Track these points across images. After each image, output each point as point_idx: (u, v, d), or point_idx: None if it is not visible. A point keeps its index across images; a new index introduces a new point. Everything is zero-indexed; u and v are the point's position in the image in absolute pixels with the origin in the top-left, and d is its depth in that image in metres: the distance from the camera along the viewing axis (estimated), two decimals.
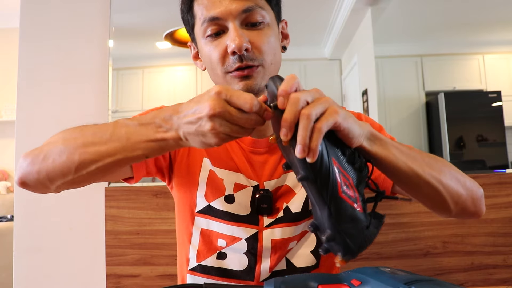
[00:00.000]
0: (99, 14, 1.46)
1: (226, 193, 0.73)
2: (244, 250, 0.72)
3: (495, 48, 3.64)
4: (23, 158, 0.60)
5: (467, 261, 1.16)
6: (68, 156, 0.56)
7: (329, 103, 0.48)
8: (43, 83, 1.43)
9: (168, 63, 2.99)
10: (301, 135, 0.44)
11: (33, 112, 1.41)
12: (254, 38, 0.67)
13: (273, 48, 0.69)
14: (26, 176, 0.59)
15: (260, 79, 0.68)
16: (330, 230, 0.46)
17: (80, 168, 0.55)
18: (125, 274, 1.16)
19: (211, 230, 0.73)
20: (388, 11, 2.95)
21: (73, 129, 0.60)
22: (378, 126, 0.78)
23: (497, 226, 1.17)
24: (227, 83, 0.69)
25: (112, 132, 0.55)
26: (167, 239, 1.15)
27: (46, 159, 0.57)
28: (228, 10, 0.65)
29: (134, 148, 0.53)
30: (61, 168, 0.56)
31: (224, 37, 0.67)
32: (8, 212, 2.87)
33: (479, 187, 0.66)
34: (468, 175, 1.19)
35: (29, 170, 0.59)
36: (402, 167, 0.56)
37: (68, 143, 0.57)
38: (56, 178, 0.58)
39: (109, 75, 1.46)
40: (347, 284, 0.50)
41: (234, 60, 0.66)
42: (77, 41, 1.45)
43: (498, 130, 3.37)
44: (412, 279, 0.45)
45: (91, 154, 0.55)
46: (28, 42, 1.44)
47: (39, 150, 0.59)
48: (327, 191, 0.46)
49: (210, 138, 0.48)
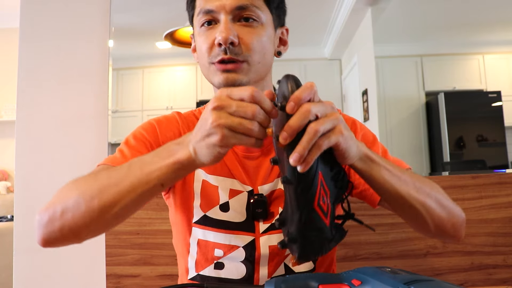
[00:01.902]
0: (99, 14, 1.46)
1: (220, 202, 0.72)
2: (241, 259, 0.71)
3: (495, 48, 3.64)
4: (39, 217, 0.58)
5: (467, 261, 1.16)
6: (87, 205, 0.55)
7: (337, 121, 0.48)
8: (43, 83, 1.43)
9: (168, 63, 2.99)
10: (302, 147, 0.45)
11: (33, 112, 1.42)
12: (243, 34, 0.67)
13: (262, 47, 0.69)
14: (49, 236, 0.58)
15: (243, 76, 0.68)
16: (294, 233, 0.50)
17: (102, 214, 0.55)
18: (125, 274, 1.16)
19: (208, 241, 0.73)
20: (388, 11, 2.95)
21: (85, 178, 0.60)
22: (372, 136, 0.78)
23: (497, 226, 1.17)
24: (210, 73, 0.70)
25: (127, 169, 0.55)
26: (167, 239, 1.15)
27: (64, 214, 0.56)
28: (223, 5, 0.67)
29: (149, 179, 0.53)
30: (83, 219, 0.55)
31: (215, 29, 0.68)
32: (8, 212, 2.87)
33: (462, 212, 0.68)
34: (468, 175, 1.19)
35: (50, 229, 0.57)
36: (389, 189, 0.58)
37: (83, 193, 0.56)
38: (81, 231, 0.56)
39: (109, 75, 1.46)
40: (348, 284, 0.50)
41: (219, 51, 0.67)
42: (77, 41, 1.45)
43: (498, 130, 3.37)
44: (412, 279, 0.45)
45: (109, 197, 0.54)
46: (28, 42, 1.44)
47: (54, 206, 0.58)
48: (304, 200, 0.49)
49: (217, 137, 0.47)
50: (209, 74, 0.71)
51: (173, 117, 0.78)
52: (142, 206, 0.58)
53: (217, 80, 0.69)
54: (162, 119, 0.77)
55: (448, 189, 1.20)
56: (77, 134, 1.41)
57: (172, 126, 0.75)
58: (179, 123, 0.76)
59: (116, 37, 1.57)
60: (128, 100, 2.87)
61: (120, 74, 2.81)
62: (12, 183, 3.37)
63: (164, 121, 0.76)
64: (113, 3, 1.48)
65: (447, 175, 1.33)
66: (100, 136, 1.42)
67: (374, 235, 1.13)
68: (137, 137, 0.72)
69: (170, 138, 0.72)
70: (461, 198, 1.18)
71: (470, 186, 1.18)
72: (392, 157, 0.76)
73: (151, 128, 0.74)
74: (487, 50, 3.69)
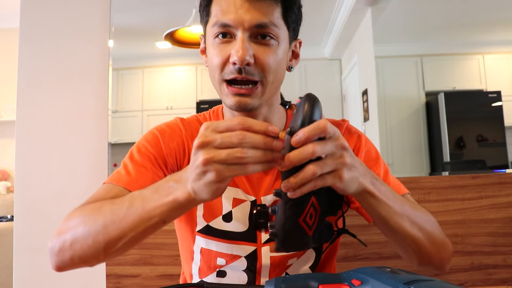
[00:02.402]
0: (99, 14, 1.46)
1: (223, 212, 0.73)
2: (243, 268, 0.72)
3: (495, 48, 3.64)
4: (51, 245, 0.61)
5: (467, 261, 1.16)
6: (93, 239, 0.57)
7: (340, 165, 0.49)
8: (43, 83, 1.43)
9: (168, 63, 2.99)
10: (295, 182, 0.46)
11: (33, 112, 1.42)
12: (259, 53, 0.65)
13: (277, 67, 0.67)
14: (62, 263, 0.61)
15: (256, 100, 0.67)
16: (277, 230, 0.52)
17: (108, 248, 0.57)
18: (125, 274, 1.16)
19: (210, 250, 0.74)
20: (388, 11, 2.95)
21: (91, 208, 0.60)
22: (375, 154, 0.77)
23: (497, 226, 1.17)
24: (222, 93, 0.68)
25: (129, 205, 0.56)
26: (167, 239, 1.15)
27: (73, 245, 0.58)
28: (241, 20, 0.64)
29: (151, 216, 0.54)
30: (91, 251, 0.57)
31: (231, 44, 0.66)
32: (8, 212, 2.87)
33: (450, 246, 0.69)
34: (468, 175, 1.19)
35: (62, 258, 0.60)
36: (383, 221, 0.60)
37: (89, 226, 0.57)
38: (90, 260, 0.59)
39: (109, 75, 1.46)
40: (348, 284, 0.50)
41: (233, 70, 0.65)
42: (77, 41, 1.45)
43: (498, 130, 3.37)
44: (412, 279, 0.45)
45: (113, 232, 0.56)
46: (28, 42, 1.44)
47: (64, 236, 0.59)
48: (290, 214, 0.50)
49: (211, 175, 0.47)
50: (221, 93, 0.69)
51: (176, 126, 0.76)
52: (146, 238, 0.59)
53: (228, 102, 0.67)
54: (165, 129, 0.75)
55: (448, 189, 1.20)
56: (77, 134, 1.41)
57: (175, 136, 0.74)
58: (183, 132, 0.75)
59: (116, 37, 1.57)
60: (128, 100, 2.87)
61: (120, 74, 2.81)
62: (12, 183, 3.37)
63: (167, 130, 0.75)
64: (113, 3, 1.48)
65: (447, 175, 1.32)
66: (100, 136, 1.42)
67: (374, 235, 1.13)
68: (141, 151, 0.71)
69: (174, 149, 0.72)
70: (461, 198, 1.18)
71: (470, 186, 1.18)
72: (392, 177, 0.75)
73: (154, 140, 0.73)
74: (487, 50, 3.69)
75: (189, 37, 2.24)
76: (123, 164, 0.70)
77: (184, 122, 0.77)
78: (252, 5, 0.64)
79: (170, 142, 0.73)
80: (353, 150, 0.74)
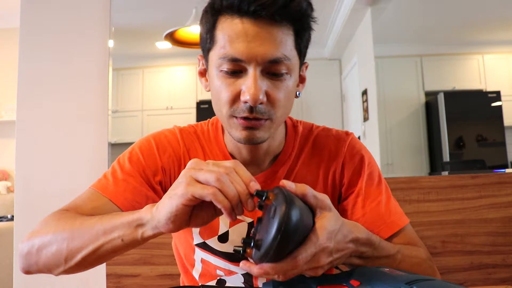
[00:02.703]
0: (99, 14, 1.46)
1: (220, 232, 0.72)
2: (242, 280, 0.73)
3: (495, 48, 3.64)
4: (21, 246, 0.60)
5: (466, 260, 1.16)
6: (57, 247, 0.56)
7: (315, 269, 0.49)
8: (43, 83, 1.43)
9: (168, 63, 2.99)
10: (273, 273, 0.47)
11: (33, 112, 1.42)
12: (271, 90, 0.61)
13: (287, 101, 0.64)
14: (28, 267, 0.60)
15: (264, 133, 0.63)
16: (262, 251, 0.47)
17: (69, 259, 0.56)
18: (125, 273, 1.16)
19: (209, 262, 0.74)
20: (388, 11, 2.95)
21: (66, 217, 0.60)
22: (378, 178, 0.73)
23: (497, 225, 1.17)
24: (229, 125, 0.64)
25: (97, 219, 0.56)
26: (167, 239, 1.15)
27: (39, 251, 0.58)
28: (254, 55, 0.58)
29: (111, 231, 0.53)
30: (54, 259, 0.57)
31: (240, 80, 0.60)
32: (8, 212, 2.87)
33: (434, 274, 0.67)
34: (468, 174, 1.19)
35: (28, 262, 0.60)
36: None
37: (57, 234, 0.57)
38: (52, 269, 0.59)
39: (109, 75, 1.46)
40: (346, 285, 0.49)
41: (244, 108, 0.60)
42: (77, 41, 1.45)
43: (497, 130, 3.37)
44: (413, 279, 0.45)
45: (75, 243, 0.55)
46: (28, 42, 1.44)
47: (33, 240, 0.59)
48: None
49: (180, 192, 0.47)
50: (229, 126, 0.65)
51: (174, 137, 0.73)
52: (108, 259, 0.58)
53: (237, 136, 0.64)
54: (163, 140, 0.73)
55: (448, 189, 1.20)
56: (77, 134, 1.41)
57: (171, 149, 0.72)
58: (180, 145, 0.73)
59: (116, 37, 1.57)
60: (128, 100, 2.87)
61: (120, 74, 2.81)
62: (12, 183, 3.37)
63: (164, 141, 0.73)
64: (113, 3, 1.48)
65: (447, 175, 1.33)
66: (100, 136, 1.42)
67: None
68: (133, 160, 0.69)
69: (168, 162, 0.71)
70: (461, 198, 1.18)
71: (470, 186, 1.19)
72: (393, 204, 0.72)
73: (149, 150, 0.71)
74: (487, 50, 3.69)
75: (189, 37, 2.24)
76: (112, 170, 0.69)
77: (183, 134, 0.74)
78: (265, 35, 0.58)
79: (165, 155, 0.71)
80: (353, 171, 0.72)
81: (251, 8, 0.57)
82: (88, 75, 1.44)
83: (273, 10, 0.57)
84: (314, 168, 0.73)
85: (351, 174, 0.72)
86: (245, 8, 0.57)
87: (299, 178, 0.72)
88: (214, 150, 0.73)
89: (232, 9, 0.59)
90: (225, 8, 0.59)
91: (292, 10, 0.59)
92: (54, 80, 1.43)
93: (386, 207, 0.69)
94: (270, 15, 0.57)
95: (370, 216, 0.69)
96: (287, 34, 0.60)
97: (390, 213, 0.69)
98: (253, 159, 0.71)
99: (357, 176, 0.72)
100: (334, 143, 0.74)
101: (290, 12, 0.59)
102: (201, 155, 0.73)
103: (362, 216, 0.69)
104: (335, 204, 0.74)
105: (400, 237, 0.68)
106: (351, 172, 0.72)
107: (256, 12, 0.57)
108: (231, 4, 0.58)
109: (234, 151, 0.72)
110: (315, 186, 0.72)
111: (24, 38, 1.44)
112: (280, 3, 0.57)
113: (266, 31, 0.58)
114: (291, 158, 0.73)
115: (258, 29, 0.58)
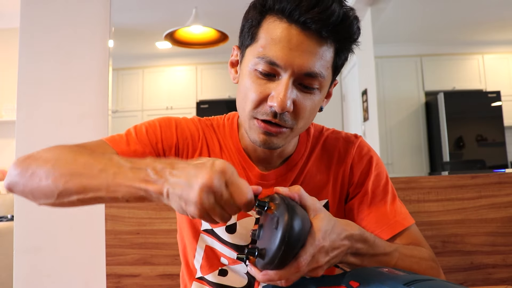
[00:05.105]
0: (99, 14, 1.46)
1: (228, 223, 0.72)
2: (245, 271, 0.73)
3: (494, 48, 3.64)
4: (14, 166, 0.58)
5: (466, 260, 1.16)
6: (53, 180, 0.54)
7: (315, 270, 0.50)
8: (43, 83, 1.43)
9: (168, 63, 2.99)
10: (277, 278, 0.49)
11: (33, 112, 1.42)
12: (299, 101, 0.61)
13: (311, 114, 0.65)
14: (14, 186, 0.58)
15: (282, 141, 0.64)
16: (266, 259, 0.48)
17: (62, 196, 0.54)
18: (125, 273, 1.16)
19: (215, 248, 0.74)
20: (388, 11, 2.95)
21: (69, 151, 0.58)
22: (385, 179, 0.74)
23: (497, 225, 1.17)
24: (249, 125, 0.65)
25: (102, 168, 0.52)
26: (167, 239, 1.15)
27: (33, 177, 0.56)
28: (292, 64, 0.58)
29: (116, 190, 0.51)
30: (45, 190, 0.55)
31: (272, 83, 0.61)
32: (8, 212, 2.87)
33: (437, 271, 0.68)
34: (468, 174, 1.19)
35: (17, 181, 0.57)
36: None
37: (57, 167, 0.55)
38: (39, 198, 0.56)
39: (109, 75, 1.46)
40: (345, 286, 0.49)
41: (269, 112, 0.61)
42: (77, 41, 1.45)
43: (497, 130, 3.37)
44: (412, 279, 0.45)
45: (75, 185, 0.53)
46: (28, 42, 1.44)
47: (29, 163, 0.57)
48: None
49: (192, 208, 0.46)
50: (248, 127, 0.65)
51: (194, 121, 0.76)
52: (102, 204, 0.58)
53: (254, 138, 0.65)
54: (183, 123, 0.75)
55: (448, 189, 1.20)
56: (77, 134, 1.41)
57: (192, 127, 0.74)
58: (199, 134, 0.74)
59: (116, 37, 1.57)
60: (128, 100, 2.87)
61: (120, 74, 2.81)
62: None
63: (183, 121, 0.75)
64: (113, 3, 1.48)
65: (447, 175, 1.33)
66: (100, 136, 1.42)
67: None
68: (149, 130, 0.71)
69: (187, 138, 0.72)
70: (461, 198, 1.18)
71: (470, 186, 1.19)
72: (399, 205, 0.73)
73: (168, 125, 0.73)
74: (487, 50, 3.69)
75: (189, 37, 2.24)
76: (128, 132, 0.70)
77: (202, 124, 0.76)
78: (307, 47, 0.58)
79: (182, 136, 0.73)
80: (361, 172, 0.74)
81: (301, 19, 0.57)
82: (88, 75, 1.44)
83: (323, 26, 0.57)
84: (323, 169, 0.75)
85: (359, 175, 0.74)
86: (296, 17, 0.57)
87: (309, 178, 0.74)
88: (229, 145, 0.74)
89: (283, 13, 0.58)
90: (276, 10, 0.59)
91: (341, 30, 0.59)
92: (54, 80, 1.43)
93: (391, 208, 0.70)
94: (318, 29, 0.57)
95: (375, 216, 0.70)
96: (328, 50, 0.60)
97: (395, 213, 0.70)
98: (266, 157, 0.73)
99: (365, 177, 0.74)
100: (343, 145, 0.76)
101: (339, 31, 0.59)
102: (217, 148, 0.74)
103: (367, 215, 0.71)
104: (343, 204, 0.76)
105: (404, 237, 0.69)
106: (359, 173, 0.74)
107: (306, 23, 0.57)
108: (282, 8, 0.58)
109: (248, 147, 0.74)
110: (324, 186, 0.74)
111: (24, 38, 1.44)
112: (332, 21, 0.57)
113: (309, 43, 0.58)
114: (302, 158, 0.75)
115: (303, 39, 0.58)
